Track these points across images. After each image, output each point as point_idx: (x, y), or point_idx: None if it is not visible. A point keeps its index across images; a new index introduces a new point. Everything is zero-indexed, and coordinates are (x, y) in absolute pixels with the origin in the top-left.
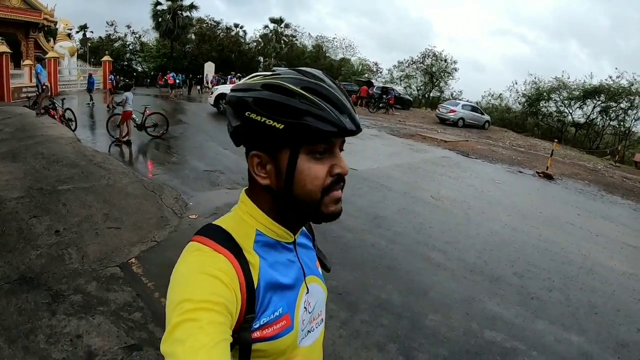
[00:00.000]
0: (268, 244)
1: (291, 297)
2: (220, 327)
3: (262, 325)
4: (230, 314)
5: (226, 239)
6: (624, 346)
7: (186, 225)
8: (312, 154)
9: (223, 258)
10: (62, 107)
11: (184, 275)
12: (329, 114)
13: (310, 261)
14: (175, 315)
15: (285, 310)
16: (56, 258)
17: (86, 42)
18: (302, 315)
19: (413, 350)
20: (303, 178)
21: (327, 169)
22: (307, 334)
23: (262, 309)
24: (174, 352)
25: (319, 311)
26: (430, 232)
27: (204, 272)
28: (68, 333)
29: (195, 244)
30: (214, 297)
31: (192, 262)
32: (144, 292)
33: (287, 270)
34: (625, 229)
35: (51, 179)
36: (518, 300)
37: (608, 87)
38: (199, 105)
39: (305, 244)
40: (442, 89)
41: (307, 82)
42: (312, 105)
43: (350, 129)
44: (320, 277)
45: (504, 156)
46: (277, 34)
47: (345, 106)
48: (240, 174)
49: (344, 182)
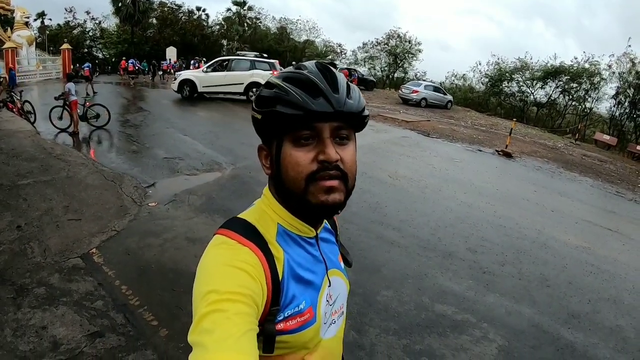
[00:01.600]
0: (290, 237)
1: (314, 290)
2: (247, 318)
3: (286, 317)
4: (256, 305)
5: (251, 231)
6: (574, 317)
7: (145, 213)
8: (295, 141)
9: (249, 250)
10: (20, 100)
11: (210, 268)
12: (295, 97)
13: (333, 255)
14: (202, 306)
15: (309, 304)
16: (19, 253)
17: (44, 30)
18: (324, 308)
19: (364, 325)
20: (286, 165)
21: (312, 156)
22: (329, 327)
23: (286, 301)
24: (202, 341)
25: (341, 304)
26: (386, 211)
27: (230, 264)
28: (33, 325)
29: (220, 237)
30: (241, 288)
31: (218, 254)
32: (105, 281)
33: (310, 264)
34: (582, 205)
35: (10, 174)
36: (470, 274)
37: (569, 67)
38: (160, 92)
39: (328, 238)
40: (406, 70)
41: (289, 72)
42: (281, 92)
43: (321, 110)
44: (342, 270)
45: (465, 135)
46: (240, 17)
47: (318, 88)
48: (198, 159)
49: (339, 171)
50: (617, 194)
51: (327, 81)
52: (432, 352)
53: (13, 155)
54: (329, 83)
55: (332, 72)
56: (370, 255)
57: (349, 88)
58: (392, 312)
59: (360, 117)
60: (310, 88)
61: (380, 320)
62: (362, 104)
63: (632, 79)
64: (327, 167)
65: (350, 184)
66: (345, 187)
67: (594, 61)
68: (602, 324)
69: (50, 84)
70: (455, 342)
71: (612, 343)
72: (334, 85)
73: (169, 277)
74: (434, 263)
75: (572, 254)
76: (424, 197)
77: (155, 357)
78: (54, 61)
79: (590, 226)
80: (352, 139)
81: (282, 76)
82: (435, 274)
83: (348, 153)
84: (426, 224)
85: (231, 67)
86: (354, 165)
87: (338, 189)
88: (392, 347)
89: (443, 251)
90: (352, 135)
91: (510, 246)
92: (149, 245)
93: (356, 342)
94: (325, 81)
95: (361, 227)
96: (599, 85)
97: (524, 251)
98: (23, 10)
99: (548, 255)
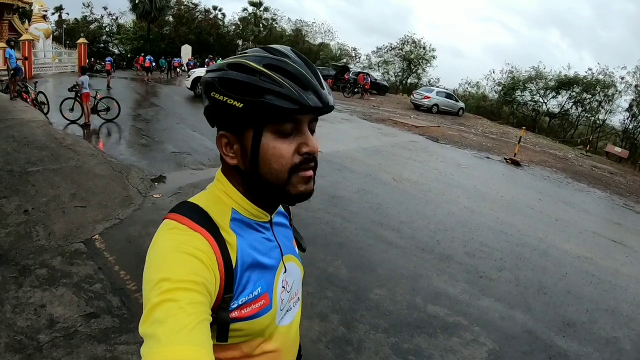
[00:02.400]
0: (244, 222)
1: (269, 276)
2: (200, 307)
3: (240, 304)
4: (209, 293)
5: (203, 217)
6: (570, 325)
7: (150, 204)
8: (277, 132)
9: (200, 236)
10: (34, 91)
11: (161, 254)
12: (289, 91)
13: (288, 240)
14: (154, 295)
15: (264, 290)
16: (24, 235)
17: (62, 24)
18: (281, 295)
19: (354, 321)
20: (268, 157)
21: (295, 148)
22: (286, 313)
23: (240, 288)
24: (154, 333)
25: (296, 290)
26: (387, 212)
27: (182, 250)
28: (32, 303)
29: (170, 221)
30: (193, 276)
31: (169, 240)
32: (105, 266)
33: (265, 249)
34: (587, 215)
35: (21, 161)
36: (466, 278)
37: (583, 78)
38: (172, 89)
39: (282, 222)
40: (419, 76)
41: (270, 59)
42: (272, 82)
43: (314, 105)
44: (297, 256)
45: (474, 142)
46: (256, 17)
47: (309, 82)
48: (205, 155)
49: (316, 162)
50: (625, 206)
51: (314, 74)
52: (420, 351)
53: (25, 144)
54: (315, 77)
55: (311, 63)
56: (367, 254)
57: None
58: (383, 310)
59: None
60: (300, 81)
61: (371, 318)
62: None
63: None
64: (309, 159)
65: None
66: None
67: (608, 72)
68: (598, 335)
69: (65, 77)
70: (444, 344)
71: (607, 354)
72: (318, 80)
73: None
74: (431, 265)
75: (572, 263)
76: (426, 200)
77: None
78: (70, 55)
79: (594, 237)
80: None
81: (262, 62)
82: (431, 276)
83: (315, 141)
84: (426, 226)
85: None
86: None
87: (313, 178)
88: (380, 344)
89: (441, 254)
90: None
91: (510, 252)
92: (150, 234)
93: (344, 337)
94: (312, 74)
95: (360, 227)
96: (613, 97)
97: (523, 258)
98: (41, 4)
99: (548, 263)
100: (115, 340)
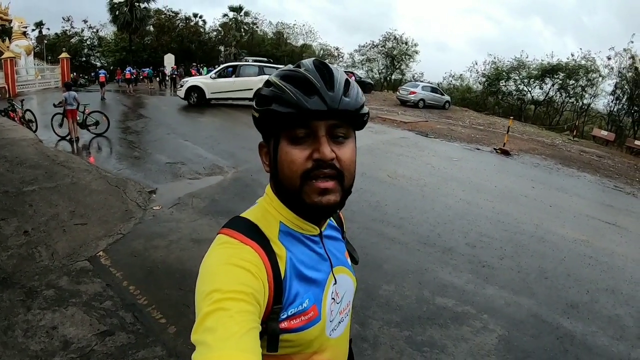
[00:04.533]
0: (293, 236)
1: (318, 288)
2: (249, 316)
3: (289, 316)
4: (258, 303)
5: (253, 230)
6: (573, 307)
7: (150, 216)
8: (291, 138)
9: (250, 249)
10: (21, 109)
11: (212, 267)
12: (289, 96)
13: (339, 252)
14: (205, 305)
15: (312, 302)
16: (27, 257)
17: (42, 40)
18: (330, 306)
19: (367, 318)
20: (282, 162)
21: (307, 154)
22: (337, 325)
23: (289, 300)
24: (205, 340)
25: (347, 302)
26: (386, 209)
27: (233, 263)
28: (44, 326)
29: (223, 236)
30: (243, 287)
31: (220, 254)
32: (113, 282)
33: (314, 261)
34: (579, 199)
35: (16, 181)
36: (469, 268)
37: (566, 64)
38: (160, 99)
39: (334, 235)
40: (403, 72)
41: (286, 71)
42: (277, 90)
43: (315, 108)
44: (349, 267)
45: (463, 134)
46: (237, 23)
47: (313, 87)
48: (200, 163)
49: (334, 170)
50: (615, 188)
51: (324, 79)
52: (434, 342)
53: (17, 163)
54: (325, 81)
55: (330, 69)
56: (371, 252)
57: (348, 85)
58: (394, 305)
59: (357, 115)
60: (305, 86)
61: (383, 313)
62: (360, 102)
63: (632, 74)
64: (322, 166)
65: (347, 183)
66: (342, 186)
67: (590, 57)
68: (600, 314)
69: (49, 93)
70: (456, 333)
71: (611, 331)
72: (330, 83)
73: (175, 277)
74: (434, 258)
75: (570, 247)
76: (422, 195)
77: (165, 353)
78: (53, 70)
79: (588, 220)
80: (350, 137)
81: (281, 74)
82: (436, 269)
83: (345, 151)
84: (426, 220)
85: (239, 73)
86: (352, 165)
87: (333, 190)
88: (394, 338)
89: (443, 247)
90: (350, 133)
91: (509, 240)
92: (155, 247)
93: (360, 335)
94: (321, 79)
95: (362, 225)
96: (596, 81)
97: (522, 245)
98: (21, 20)
99: (546, 248)
100: (133, 357)
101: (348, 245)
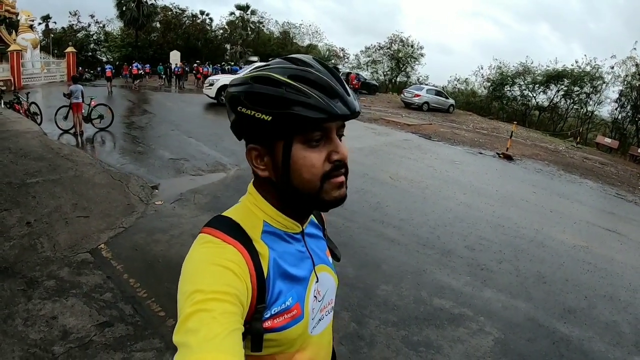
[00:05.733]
0: (276, 234)
1: (301, 286)
2: (232, 317)
3: (272, 315)
4: (241, 304)
5: (235, 229)
6: (570, 312)
7: (152, 211)
8: (306, 142)
9: (233, 249)
10: (26, 101)
11: (195, 267)
12: (317, 101)
13: (320, 250)
14: (187, 305)
15: (295, 300)
16: (29, 248)
17: (49, 34)
18: (312, 304)
19: (364, 317)
20: (299, 167)
21: (325, 156)
22: (318, 323)
23: (272, 299)
24: (187, 341)
25: (329, 299)
26: (387, 210)
27: (215, 263)
28: (44, 315)
29: (205, 235)
30: (226, 287)
31: (202, 253)
32: (114, 274)
33: (296, 260)
34: (581, 206)
35: (19, 172)
36: (468, 271)
37: (571, 71)
38: (165, 95)
39: (315, 233)
40: (408, 74)
41: (294, 69)
42: (299, 94)
43: (343, 113)
44: (330, 265)
45: (466, 138)
46: (244, 21)
47: (335, 91)
48: (203, 160)
49: (346, 167)
50: (617, 196)
51: (338, 82)
52: (430, 343)
53: (21, 155)
54: (341, 84)
55: (336, 71)
56: (370, 252)
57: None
58: (391, 305)
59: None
60: (326, 90)
61: (380, 313)
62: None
63: (636, 82)
64: (339, 166)
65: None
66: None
67: (595, 65)
68: (598, 319)
69: (54, 87)
70: (452, 334)
71: (608, 338)
72: (344, 87)
73: (176, 271)
74: (433, 260)
75: (569, 253)
76: (424, 197)
77: (162, 346)
78: (59, 64)
79: (589, 226)
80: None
81: (290, 74)
82: (434, 270)
83: (345, 147)
84: (426, 222)
85: None
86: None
87: (344, 183)
88: (391, 337)
89: (442, 249)
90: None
91: (508, 244)
92: (156, 241)
93: (357, 333)
94: (337, 82)
95: (362, 226)
96: (601, 88)
97: (521, 249)
98: (28, 14)
99: (545, 253)
100: (131, 348)
101: (330, 243)
